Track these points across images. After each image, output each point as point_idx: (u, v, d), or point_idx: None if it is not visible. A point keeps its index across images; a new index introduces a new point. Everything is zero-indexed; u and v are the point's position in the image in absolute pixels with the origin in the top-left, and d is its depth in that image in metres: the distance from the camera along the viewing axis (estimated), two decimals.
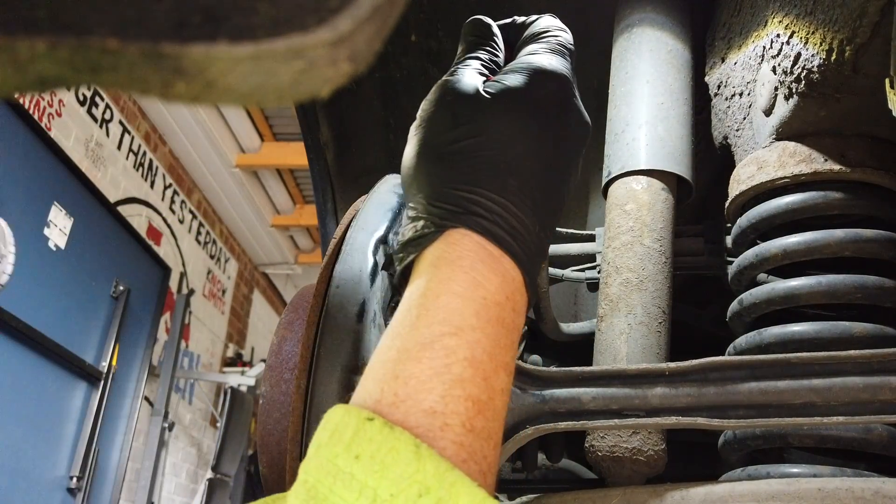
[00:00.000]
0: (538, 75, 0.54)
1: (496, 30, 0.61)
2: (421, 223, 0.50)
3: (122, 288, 4.45)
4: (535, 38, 0.59)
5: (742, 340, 0.84)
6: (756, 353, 0.81)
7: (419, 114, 0.55)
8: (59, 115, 4.42)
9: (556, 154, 0.54)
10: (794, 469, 0.75)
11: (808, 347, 0.76)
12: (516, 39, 0.63)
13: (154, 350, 5.15)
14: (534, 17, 0.63)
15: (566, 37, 0.60)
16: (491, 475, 0.44)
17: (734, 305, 0.87)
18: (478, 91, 0.53)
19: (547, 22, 0.61)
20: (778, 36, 0.81)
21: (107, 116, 4.99)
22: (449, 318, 0.45)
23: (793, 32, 0.78)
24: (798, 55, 0.76)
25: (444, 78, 0.56)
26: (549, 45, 0.58)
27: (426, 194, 0.51)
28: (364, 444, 0.40)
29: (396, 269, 0.53)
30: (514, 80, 0.54)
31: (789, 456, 0.79)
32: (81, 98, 4.65)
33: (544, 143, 0.53)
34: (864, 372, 0.61)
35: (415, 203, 0.52)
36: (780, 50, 0.80)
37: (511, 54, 0.63)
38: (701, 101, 1.04)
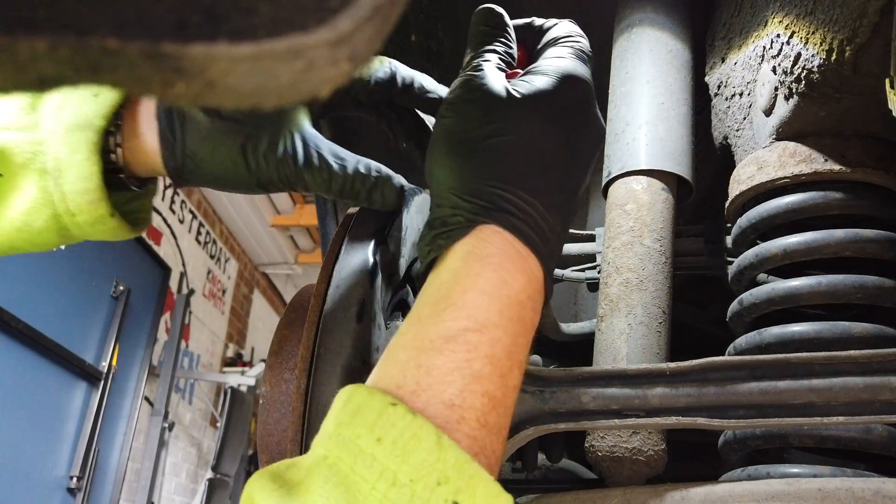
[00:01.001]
0: (566, 80, 0.55)
1: (509, 21, 0.62)
2: (451, 216, 0.51)
3: (122, 288, 4.45)
4: (558, 41, 0.61)
5: (742, 340, 0.84)
6: (756, 353, 0.81)
7: (446, 105, 0.56)
8: None
9: (576, 157, 0.55)
10: (795, 469, 0.75)
11: (808, 347, 0.76)
12: (533, 40, 0.63)
13: (154, 350, 5.15)
14: (553, 20, 0.64)
15: (586, 43, 0.61)
16: (497, 468, 0.46)
17: (734, 305, 0.87)
18: (508, 91, 0.54)
19: (569, 27, 0.62)
20: (778, 36, 0.81)
21: None
22: (474, 314, 0.46)
23: (793, 32, 0.78)
24: (798, 55, 0.76)
25: (469, 72, 0.56)
26: (572, 51, 0.59)
27: (456, 187, 0.52)
28: (387, 428, 0.41)
29: (422, 258, 0.53)
30: (543, 81, 0.55)
31: (789, 456, 0.79)
32: None
33: (568, 145, 0.54)
34: (865, 372, 0.61)
35: (442, 194, 0.53)
36: (781, 50, 0.80)
37: (526, 54, 0.64)
38: (701, 101, 1.04)
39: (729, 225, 0.95)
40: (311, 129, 0.62)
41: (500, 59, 0.58)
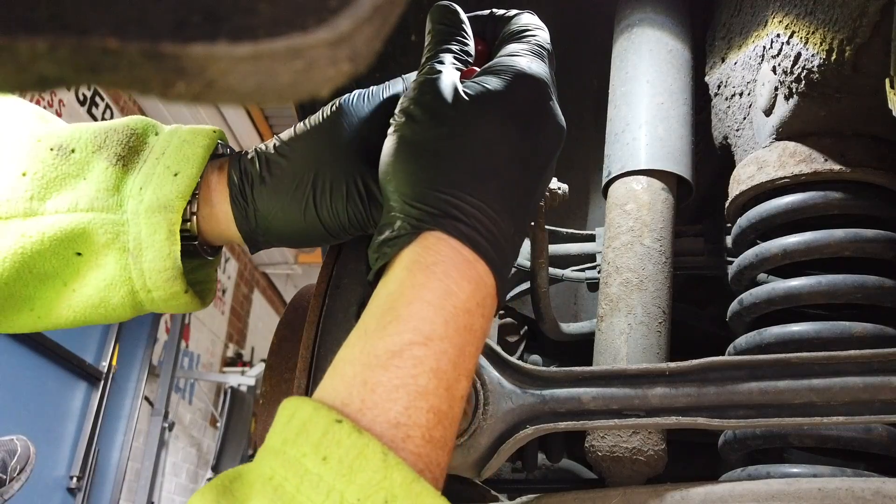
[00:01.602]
0: (519, 79, 0.54)
1: (464, 17, 0.61)
2: (398, 223, 0.50)
3: None
4: (515, 37, 0.59)
5: (742, 340, 0.84)
6: (756, 353, 0.81)
7: (399, 109, 0.55)
8: (59, 115, 4.42)
9: (532, 157, 0.54)
10: (794, 469, 0.75)
11: (808, 347, 0.76)
12: (493, 33, 0.62)
13: (154, 350, 5.15)
14: (513, 11, 0.62)
15: (545, 36, 0.59)
16: (442, 480, 0.46)
17: (734, 305, 0.87)
18: (458, 91, 0.53)
19: (526, 19, 0.61)
20: (778, 36, 0.81)
21: (107, 116, 4.99)
22: (419, 326, 0.46)
23: (793, 32, 0.78)
24: (798, 55, 0.76)
25: (422, 73, 0.56)
26: (528, 46, 0.57)
27: (404, 193, 0.51)
28: (333, 447, 0.40)
29: (371, 265, 0.52)
30: (494, 82, 0.54)
31: (789, 456, 0.79)
32: (81, 98, 4.65)
33: (522, 146, 0.53)
34: (864, 372, 0.61)
35: (392, 201, 0.52)
36: (781, 50, 0.80)
37: (487, 48, 0.62)
38: (701, 101, 1.04)
39: (729, 225, 0.95)
40: (372, 168, 0.62)
41: (456, 57, 0.57)
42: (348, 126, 0.62)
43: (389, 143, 0.54)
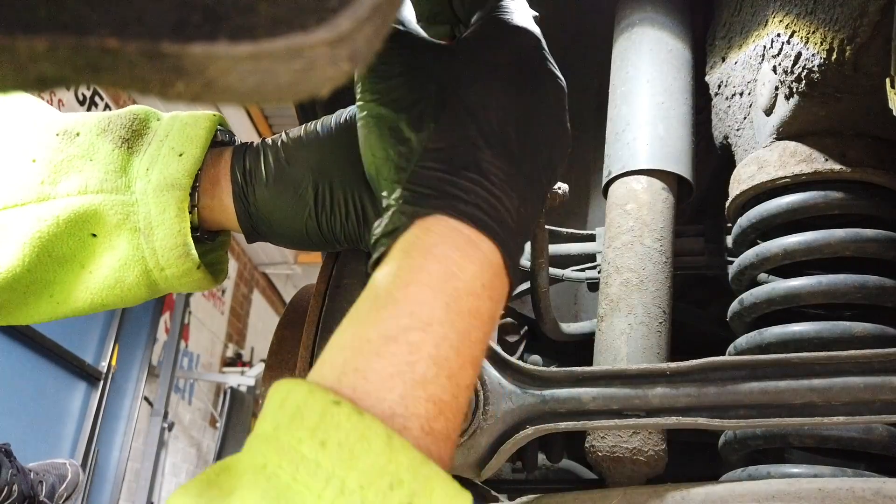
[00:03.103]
0: (508, 31, 0.50)
1: None
2: (392, 212, 0.47)
3: None
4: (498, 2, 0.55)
5: (742, 340, 0.84)
6: (756, 353, 0.81)
7: (366, 83, 0.50)
8: None
9: (532, 119, 0.49)
10: (795, 469, 0.75)
11: (808, 347, 0.76)
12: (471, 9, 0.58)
13: (154, 350, 5.15)
14: None
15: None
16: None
17: (734, 305, 0.87)
18: (433, 45, 0.49)
19: None
20: (778, 35, 0.81)
21: None
22: (416, 310, 0.42)
23: (793, 32, 0.78)
24: (798, 55, 0.76)
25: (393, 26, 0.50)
26: (515, 4, 0.54)
27: (390, 178, 0.49)
28: (331, 431, 0.37)
29: (371, 252, 0.49)
30: (478, 35, 0.50)
31: (790, 456, 0.79)
32: (81, 98, 4.65)
33: (520, 107, 0.48)
34: (865, 372, 0.61)
35: (383, 189, 0.50)
36: (781, 49, 0.80)
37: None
38: (701, 101, 1.04)
39: (729, 225, 0.95)
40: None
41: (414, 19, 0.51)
42: (355, 140, 0.61)
43: (361, 124, 0.51)
